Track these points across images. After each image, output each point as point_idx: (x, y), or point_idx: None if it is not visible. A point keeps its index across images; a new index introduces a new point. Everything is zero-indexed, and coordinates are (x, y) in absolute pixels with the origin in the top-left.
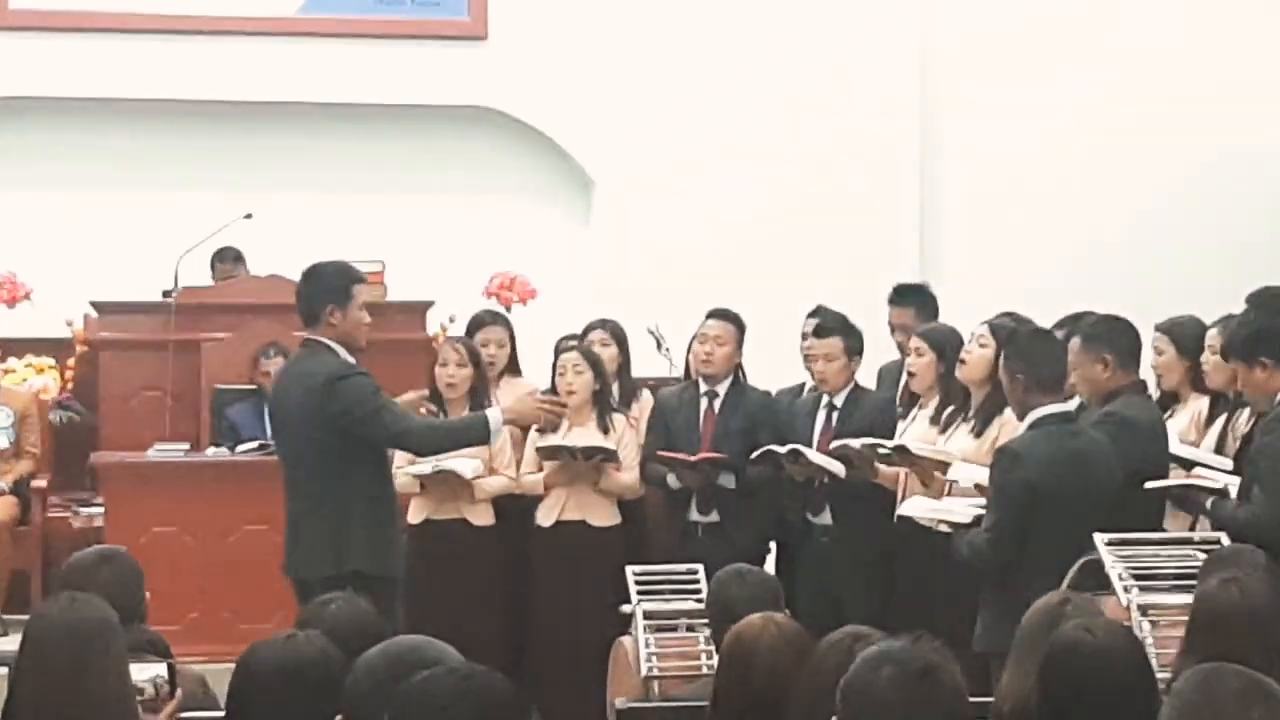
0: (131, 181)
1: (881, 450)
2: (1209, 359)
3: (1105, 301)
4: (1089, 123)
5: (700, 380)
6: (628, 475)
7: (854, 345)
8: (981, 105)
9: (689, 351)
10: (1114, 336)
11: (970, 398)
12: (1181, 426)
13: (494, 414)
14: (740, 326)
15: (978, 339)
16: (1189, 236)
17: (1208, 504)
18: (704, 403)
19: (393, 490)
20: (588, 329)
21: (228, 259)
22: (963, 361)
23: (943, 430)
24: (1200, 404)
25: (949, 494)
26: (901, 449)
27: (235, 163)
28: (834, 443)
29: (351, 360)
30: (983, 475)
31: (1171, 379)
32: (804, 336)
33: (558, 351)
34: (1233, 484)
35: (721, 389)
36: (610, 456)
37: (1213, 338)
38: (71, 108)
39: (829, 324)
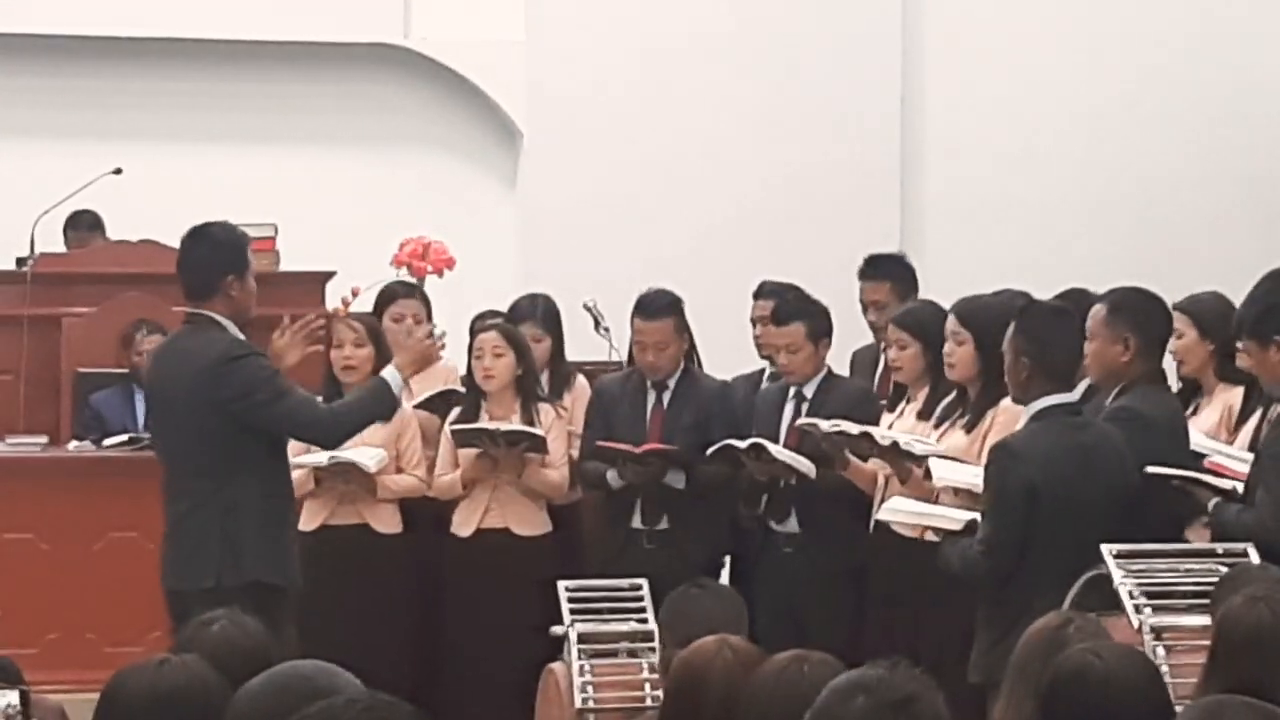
0: None
1: (848, 434)
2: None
3: (1110, 275)
4: (1091, 73)
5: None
6: (555, 473)
7: (819, 328)
8: (969, 51)
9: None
10: (1144, 317)
11: (967, 390)
12: (1210, 424)
13: (388, 372)
14: (679, 313)
15: (953, 337)
16: (1207, 202)
17: (1210, 505)
18: (651, 394)
19: (291, 489)
20: (514, 306)
21: (82, 226)
22: (951, 366)
23: (936, 425)
24: (1229, 395)
25: (937, 498)
26: (867, 435)
27: (103, 108)
28: (800, 420)
29: (243, 338)
30: (969, 474)
31: (1192, 364)
32: (753, 322)
33: (474, 331)
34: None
35: (671, 380)
36: (536, 444)
37: None
38: None
39: (786, 308)
